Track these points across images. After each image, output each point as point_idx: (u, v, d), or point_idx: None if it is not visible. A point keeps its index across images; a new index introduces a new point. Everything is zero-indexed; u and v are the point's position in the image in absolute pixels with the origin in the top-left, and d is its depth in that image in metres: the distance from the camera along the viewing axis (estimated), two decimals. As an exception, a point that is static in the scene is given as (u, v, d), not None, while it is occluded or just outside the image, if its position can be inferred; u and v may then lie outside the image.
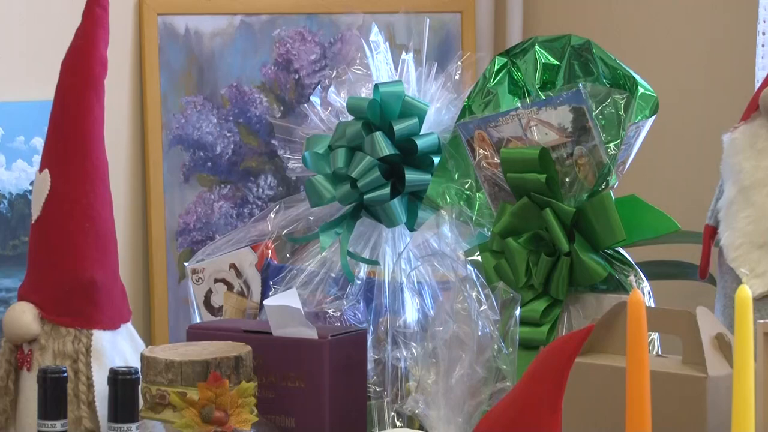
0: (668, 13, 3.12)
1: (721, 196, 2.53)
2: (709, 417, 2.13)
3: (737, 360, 1.86)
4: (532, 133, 2.43)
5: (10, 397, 2.42)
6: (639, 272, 2.47)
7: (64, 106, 2.48)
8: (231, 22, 3.13)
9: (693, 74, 2.90)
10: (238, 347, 2.40)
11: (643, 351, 1.92)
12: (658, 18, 3.13)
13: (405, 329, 2.51)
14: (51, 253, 2.47)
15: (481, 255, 2.48)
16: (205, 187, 3.11)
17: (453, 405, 2.32)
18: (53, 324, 2.41)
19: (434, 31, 2.79)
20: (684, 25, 3.09)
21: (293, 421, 2.43)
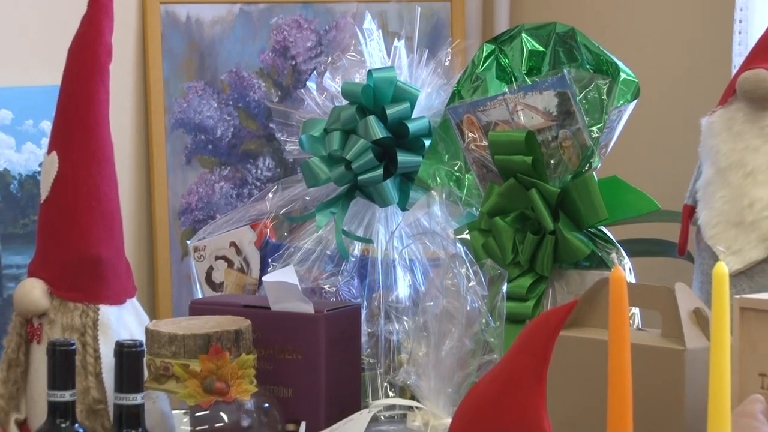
0: (650, 3, 3.15)
1: (699, 177, 2.56)
2: (687, 388, 2.15)
3: (714, 333, 1.89)
4: (518, 117, 2.46)
5: (20, 369, 2.44)
6: (620, 250, 2.50)
7: (70, 91, 2.51)
8: (230, 10, 3.16)
9: (673, 60, 2.93)
10: (238, 321, 2.43)
11: (625, 325, 1.95)
12: (639, 7, 3.16)
13: (397, 304, 2.54)
14: (59, 232, 2.49)
15: (469, 233, 2.50)
16: (206, 168, 3.14)
17: (443, 376, 2.34)
18: (61, 299, 2.43)
19: (425, 19, 2.81)
20: (664, 13, 3.11)
21: (291, 391, 2.46)
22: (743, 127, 2.48)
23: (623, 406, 1.93)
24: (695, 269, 2.58)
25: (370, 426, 2.37)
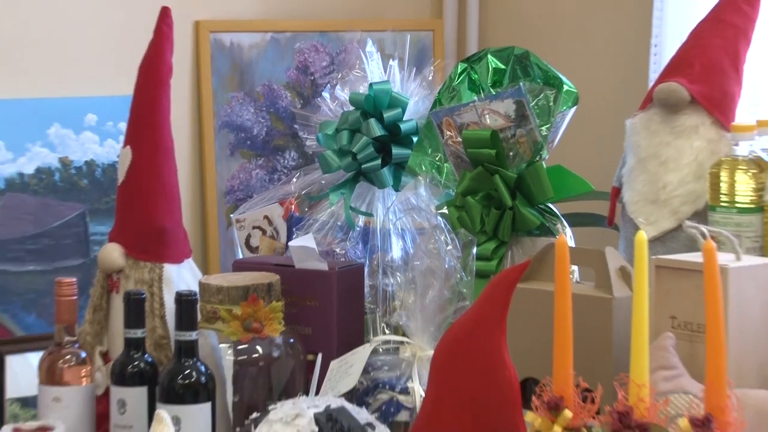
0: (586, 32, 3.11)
1: (623, 165, 2.53)
2: (615, 327, 2.14)
3: (636, 285, 1.86)
4: (485, 120, 2.43)
5: (103, 313, 2.43)
6: (563, 221, 2.47)
7: (141, 99, 2.49)
8: (263, 37, 3.12)
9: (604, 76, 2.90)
10: (269, 276, 2.42)
11: (567, 279, 1.93)
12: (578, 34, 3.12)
13: (392, 263, 2.52)
14: (132, 208, 2.47)
15: (447, 209, 2.48)
16: (245, 159, 3.11)
17: (427, 318, 2.32)
18: (134, 259, 2.41)
19: (413, 44, 2.78)
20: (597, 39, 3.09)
21: (310, 330, 2.44)
22: (658, 127, 2.46)
23: (566, 341, 1.91)
24: (621, 236, 2.56)
25: (371, 356, 2.36)
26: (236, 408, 2.30)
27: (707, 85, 2.46)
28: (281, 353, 2.36)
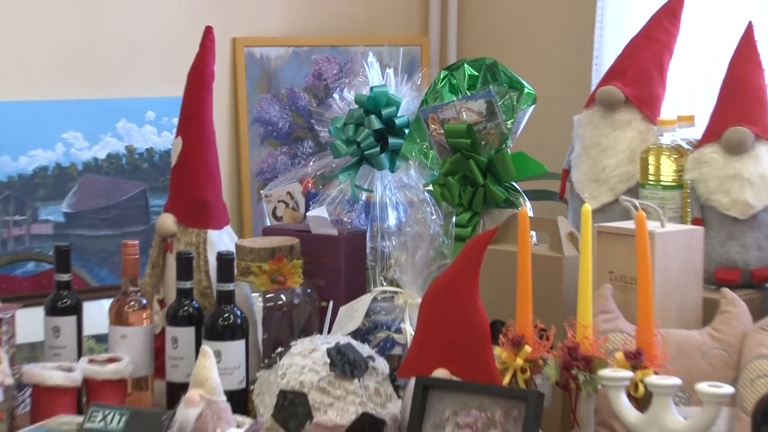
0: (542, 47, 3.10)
1: (572, 151, 2.52)
2: (565, 280, 2.13)
3: (581, 247, 1.89)
4: (462, 115, 2.42)
5: (159, 268, 2.43)
6: (524, 196, 2.46)
7: (189, 99, 2.48)
8: (287, 51, 3.13)
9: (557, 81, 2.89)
10: (291, 240, 2.41)
11: (527, 242, 1.94)
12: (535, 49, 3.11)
13: (388, 229, 2.51)
14: (182, 185, 2.46)
15: (432, 186, 2.47)
16: (272, 147, 3.11)
17: (416, 273, 2.32)
18: (184, 226, 2.41)
19: (405, 56, 2.77)
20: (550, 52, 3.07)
21: (323, 282, 2.43)
22: (599, 122, 2.46)
23: (526, 291, 1.93)
24: (569, 208, 2.56)
25: (372, 303, 2.36)
26: (265, 344, 2.31)
27: (638, 88, 2.45)
28: (300, 300, 2.35)
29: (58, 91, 2.78)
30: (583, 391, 1.82)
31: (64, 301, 2.30)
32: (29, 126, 2.74)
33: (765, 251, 2.27)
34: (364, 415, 2.01)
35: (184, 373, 2.16)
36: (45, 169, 2.75)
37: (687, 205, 2.34)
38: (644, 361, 1.79)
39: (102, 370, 2.18)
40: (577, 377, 1.81)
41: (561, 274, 2.16)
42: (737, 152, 2.25)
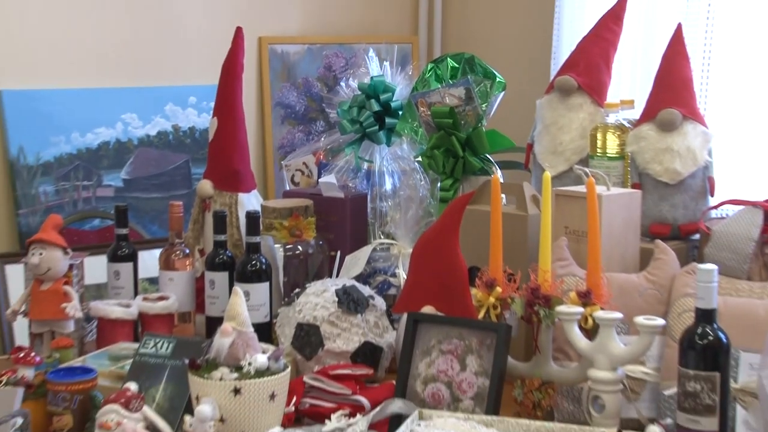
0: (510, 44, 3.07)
1: (534, 129, 2.50)
2: (529, 234, 2.14)
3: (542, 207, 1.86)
4: (446, 100, 2.39)
5: (199, 224, 2.40)
6: (496, 166, 2.43)
7: (224, 87, 2.44)
8: (302, 47, 3.09)
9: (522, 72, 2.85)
10: (306, 201, 2.40)
11: (498, 203, 1.91)
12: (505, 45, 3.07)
13: (385, 193, 2.50)
14: (218, 157, 2.42)
15: (421, 158, 2.44)
16: (291, 126, 3.07)
17: (408, 228, 2.31)
18: (219, 190, 2.37)
19: (399, 51, 2.74)
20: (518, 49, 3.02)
21: (333, 235, 2.41)
22: (557, 105, 2.44)
23: (497, 242, 1.90)
24: (532, 176, 2.54)
25: (372, 252, 2.35)
26: (285, 286, 2.30)
27: (588, 78, 2.42)
28: (314, 250, 2.34)
29: (119, 80, 2.77)
30: (543, 323, 1.82)
31: (123, 250, 2.29)
32: (95, 108, 2.72)
33: (690, 210, 2.26)
34: (366, 344, 2.02)
35: (219, 309, 2.14)
36: (107, 143, 2.74)
37: (627, 173, 2.32)
38: (593, 299, 1.80)
39: (153, 306, 2.19)
40: (539, 312, 1.82)
41: (526, 229, 2.16)
42: (668, 129, 2.24)
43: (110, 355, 2.02)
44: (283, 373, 1.70)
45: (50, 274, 2.05)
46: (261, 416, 1.66)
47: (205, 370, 1.67)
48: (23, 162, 2.59)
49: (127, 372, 1.86)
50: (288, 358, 1.93)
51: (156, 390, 1.79)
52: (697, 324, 1.61)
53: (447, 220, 1.93)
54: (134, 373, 1.83)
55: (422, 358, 1.83)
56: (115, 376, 1.90)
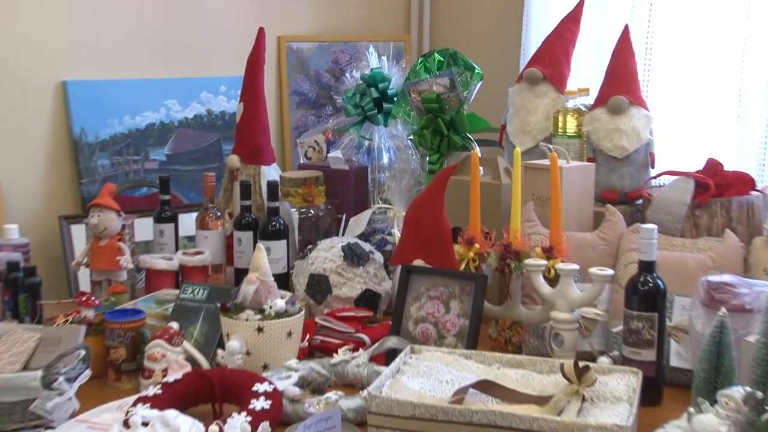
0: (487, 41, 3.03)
1: (507, 112, 2.47)
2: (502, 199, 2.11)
3: (514, 177, 1.83)
4: (433, 88, 2.36)
5: (229, 192, 2.37)
6: (475, 143, 2.40)
7: (249, 77, 2.41)
8: (314, 45, 3.04)
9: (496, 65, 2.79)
10: (317, 172, 2.37)
11: (477, 174, 1.89)
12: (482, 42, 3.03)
13: (383, 166, 2.48)
14: (244, 136, 2.39)
15: (413, 136, 2.41)
16: (305, 110, 3.03)
17: (401, 195, 2.29)
18: (245, 163, 2.34)
19: (394, 48, 2.72)
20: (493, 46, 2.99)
21: (339, 201, 2.39)
22: (526, 92, 2.41)
23: (476, 207, 1.88)
24: (505, 151, 2.52)
25: (372, 215, 2.33)
26: (300, 243, 2.27)
27: (552, 70, 2.40)
28: (324, 213, 2.32)
29: (162, 72, 2.73)
30: (514, 274, 1.82)
31: (166, 213, 2.27)
32: (142, 95, 2.69)
33: (634, 179, 2.24)
34: (367, 291, 2.01)
35: (245, 262, 2.13)
36: (153, 125, 2.71)
37: (584, 149, 2.30)
38: (555, 253, 1.79)
39: (191, 259, 2.18)
40: (510, 264, 1.81)
41: (499, 196, 2.14)
42: (617, 113, 2.22)
43: (156, 300, 2.01)
44: (298, 315, 1.70)
45: (106, 232, 2.04)
46: (280, 350, 1.66)
47: (233, 312, 1.67)
48: (84, 140, 2.57)
49: (169, 313, 1.86)
50: (302, 302, 1.92)
51: (194, 328, 1.80)
52: (639, 273, 1.62)
53: (434, 188, 1.91)
54: (176, 314, 1.83)
55: (413, 303, 1.82)
56: (160, 316, 1.89)
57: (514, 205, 1.83)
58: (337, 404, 1.48)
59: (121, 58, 2.64)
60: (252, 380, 1.47)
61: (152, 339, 1.67)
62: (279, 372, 1.59)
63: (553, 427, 1.31)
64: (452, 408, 1.36)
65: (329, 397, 1.50)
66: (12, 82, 2.41)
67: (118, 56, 2.63)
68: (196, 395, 1.50)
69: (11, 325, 1.69)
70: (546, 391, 1.48)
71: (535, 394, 1.47)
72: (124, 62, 2.65)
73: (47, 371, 1.45)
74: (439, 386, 1.50)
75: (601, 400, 1.44)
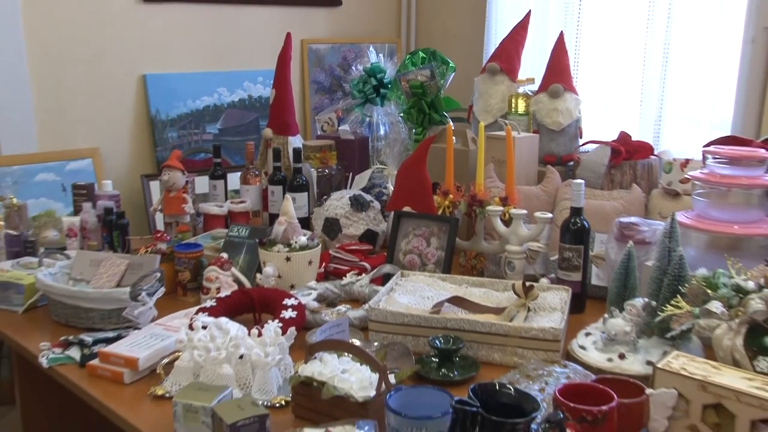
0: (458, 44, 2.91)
1: (473, 96, 2.37)
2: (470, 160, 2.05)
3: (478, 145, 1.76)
4: (417, 78, 2.24)
5: (264, 156, 2.26)
6: (449, 119, 2.30)
7: (279, 71, 2.29)
8: (328, 46, 2.92)
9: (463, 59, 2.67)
10: (330, 142, 2.28)
11: (450, 143, 1.82)
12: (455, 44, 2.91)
13: (380, 136, 2.39)
14: (275, 114, 2.28)
15: (403, 114, 2.30)
16: (321, 95, 2.92)
17: (394, 158, 2.18)
18: (276, 135, 2.24)
19: (388, 48, 2.63)
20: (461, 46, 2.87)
21: (347, 163, 2.31)
22: (487, 81, 2.31)
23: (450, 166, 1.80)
24: (472, 125, 2.42)
25: (372, 173, 2.24)
26: (317, 194, 2.20)
27: (507, 64, 2.30)
28: (336, 172, 2.24)
29: (215, 67, 2.64)
30: (478, 217, 1.77)
31: (218, 172, 2.19)
32: (201, 84, 2.62)
33: (567, 147, 2.17)
34: (368, 230, 1.96)
35: (277, 209, 2.04)
36: (208, 106, 2.64)
37: (530, 124, 2.22)
38: (509, 202, 1.74)
39: (237, 206, 2.11)
40: (475, 210, 1.76)
41: (467, 159, 2.07)
42: (555, 97, 2.14)
43: (211, 236, 1.97)
44: (316, 248, 1.65)
45: (174, 186, 1.98)
46: (303, 275, 1.63)
47: (268, 245, 1.63)
48: (158, 118, 2.51)
49: (221, 246, 1.81)
50: (319, 239, 1.87)
51: (239, 258, 1.75)
52: (570, 216, 1.58)
53: (418, 153, 1.83)
54: (225, 247, 1.79)
55: (403, 239, 1.77)
56: (214, 249, 1.84)
57: (478, 166, 1.76)
58: (345, 314, 1.46)
59: (185, 57, 2.58)
60: (282, 296, 1.45)
61: (209, 265, 1.64)
62: (302, 290, 1.56)
63: (506, 330, 1.31)
64: (432, 317, 1.35)
65: (340, 309, 1.48)
66: (106, 76, 2.39)
67: (183, 55, 2.57)
68: (241, 307, 1.47)
69: (108, 254, 1.67)
70: (501, 304, 1.46)
71: (493, 306, 1.46)
72: (187, 60, 2.58)
73: (133, 288, 1.44)
74: (422, 301, 1.48)
75: (542, 310, 1.44)
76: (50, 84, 2.26)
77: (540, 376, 1.16)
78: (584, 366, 1.24)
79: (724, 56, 2.09)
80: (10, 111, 2.17)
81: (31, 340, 1.42)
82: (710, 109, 2.14)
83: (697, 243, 1.51)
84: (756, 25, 1.96)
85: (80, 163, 2.32)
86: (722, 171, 1.49)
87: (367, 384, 1.07)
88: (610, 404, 0.95)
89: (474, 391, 0.89)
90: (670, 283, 1.30)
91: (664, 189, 1.85)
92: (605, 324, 1.31)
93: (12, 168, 2.18)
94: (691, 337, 1.29)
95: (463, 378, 1.24)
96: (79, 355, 1.34)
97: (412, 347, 1.34)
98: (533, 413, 0.84)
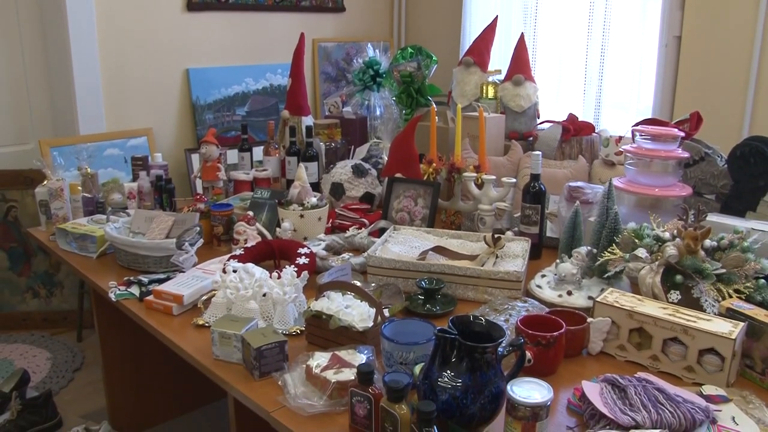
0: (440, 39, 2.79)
1: (452, 84, 2.25)
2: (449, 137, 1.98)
3: (456, 123, 1.67)
4: (407, 69, 2.15)
5: (282, 132, 2.13)
6: (432, 102, 2.22)
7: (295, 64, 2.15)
8: (334, 44, 2.81)
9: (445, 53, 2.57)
10: (336, 120, 2.19)
11: (434, 121, 1.74)
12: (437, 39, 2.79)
13: (377, 116, 2.29)
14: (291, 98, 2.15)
15: (395, 98, 2.22)
16: (328, 83, 2.82)
17: (388, 133, 2.09)
18: (292, 115, 2.11)
19: (383, 45, 2.51)
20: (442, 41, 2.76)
21: (349, 137, 2.22)
22: (463, 72, 2.21)
23: (434, 142, 1.72)
24: (451, 108, 2.32)
25: (370, 146, 2.15)
26: (325, 164, 2.12)
27: (479, 58, 2.19)
28: (340, 145, 2.15)
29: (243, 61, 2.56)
30: (457, 181, 1.70)
31: (245, 146, 2.10)
32: (232, 75, 2.54)
33: (528, 125, 2.09)
34: (367, 193, 1.89)
35: (292, 175, 1.98)
36: (238, 93, 2.56)
37: (498, 106, 2.13)
38: (481, 169, 1.67)
39: (260, 173, 2.01)
40: (454, 176, 1.70)
41: (447, 135, 2.01)
42: (518, 85, 2.05)
43: (240, 198, 1.90)
44: (325, 207, 1.60)
45: (210, 157, 1.90)
46: (314, 229, 1.58)
47: (285, 205, 1.58)
48: (198, 103, 2.46)
49: (248, 206, 1.75)
50: (327, 200, 1.81)
51: (262, 215, 1.69)
52: (531, 181, 1.52)
53: (407, 130, 1.75)
54: (251, 207, 1.73)
55: (395, 199, 1.71)
56: (242, 208, 1.78)
57: (456, 140, 1.69)
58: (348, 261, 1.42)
59: (219, 53, 2.51)
60: (297, 246, 1.41)
61: (238, 221, 1.59)
62: (313, 242, 1.52)
63: (478, 273, 1.29)
64: (418, 263, 1.32)
65: (344, 257, 1.45)
66: (157, 70, 2.38)
67: (217, 52, 2.50)
68: (264, 255, 1.44)
69: (159, 212, 1.65)
70: (475, 253, 1.43)
71: (468, 254, 1.42)
72: (221, 56, 2.52)
73: (178, 239, 1.43)
74: (411, 250, 1.44)
75: (507, 257, 1.41)
76: (115, 78, 2.28)
77: (505, 309, 1.17)
78: (540, 301, 1.25)
79: (647, 56, 2.12)
80: (86, 101, 2.22)
81: (103, 280, 1.44)
82: (636, 97, 2.16)
83: (628, 203, 1.52)
84: (667, 34, 2.03)
85: (138, 140, 2.32)
86: (647, 146, 1.50)
87: (366, 317, 1.08)
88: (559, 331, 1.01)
89: (453, 322, 0.90)
90: (608, 234, 1.32)
91: (603, 160, 1.82)
92: (557, 267, 1.31)
93: (87, 144, 2.20)
94: (622, 277, 1.31)
95: (444, 312, 1.23)
96: (139, 291, 1.36)
97: (402, 287, 1.32)
98: (500, 339, 0.85)
